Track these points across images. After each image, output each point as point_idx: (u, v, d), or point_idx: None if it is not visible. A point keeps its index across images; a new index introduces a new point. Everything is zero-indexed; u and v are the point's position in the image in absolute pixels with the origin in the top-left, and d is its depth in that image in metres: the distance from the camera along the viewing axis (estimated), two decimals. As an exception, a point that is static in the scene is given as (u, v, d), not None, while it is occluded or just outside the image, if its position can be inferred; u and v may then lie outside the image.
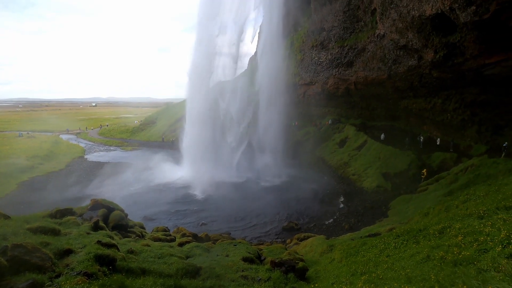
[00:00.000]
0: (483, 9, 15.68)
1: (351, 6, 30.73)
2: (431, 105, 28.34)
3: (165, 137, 58.48)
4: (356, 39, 31.66)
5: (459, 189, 18.37)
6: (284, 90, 40.24)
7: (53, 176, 32.72)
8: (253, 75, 43.59)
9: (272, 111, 37.40)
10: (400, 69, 27.04)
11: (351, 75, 34.29)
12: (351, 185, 28.42)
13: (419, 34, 21.84)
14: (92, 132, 74.04)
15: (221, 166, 33.44)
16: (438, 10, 18.51)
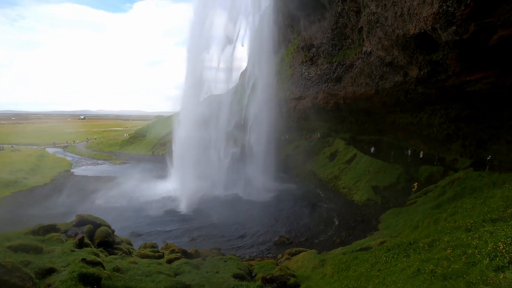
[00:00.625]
0: (463, 29, 16.47)
1: (339, 24, 31.83)
2: (417, 120, 29.13)
3: (155, 151, 57.83)
4: (344, 56, 32.62)
5: (447, 202, 18.69)
6: (275, 104, 40.75)
7: (37, 191, 31.66)
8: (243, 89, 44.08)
9: (262, 125, 37.65)
10: (386, 84, 27.86)
11: (340, 90, 35.09)
12: (342, 198, 28.52)
13: (404, 51, 22.69)
14: (79, 145, 72.60)
15: (212, 180, 33.15)
16: (421, 29, 19.34)
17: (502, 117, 21.85)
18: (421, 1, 17.85)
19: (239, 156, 38.36)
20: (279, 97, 44.22)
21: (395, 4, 20.71)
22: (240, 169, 36.67)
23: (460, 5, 15.30)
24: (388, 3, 21.39)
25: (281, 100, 44.72)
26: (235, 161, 37.04)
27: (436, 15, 16.86)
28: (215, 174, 34.28)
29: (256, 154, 36.90)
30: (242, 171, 36.49)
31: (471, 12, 15.18)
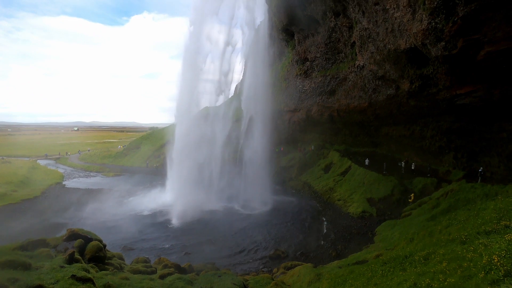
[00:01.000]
0: (451, 45, 17.03)
1: (332, 39, 32.61)
2: (410, 132, 29.55)
3: (149, 163, 57.30)
4: (338, 69, 33.27)
5: (441, 214, 18.75)
6: (270, 116, 41.01)
7: (27, 204, 30.91)
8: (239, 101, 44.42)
9: (257, 137, 37.74)
10: (379, 97, 28.38)
11: (334, 103, 35.58)
12: (337, 211, 28.42)
13: (396, 65, 23.27)
14: (72, 157, 71.58)
15: (206, 193, 32.79)
16: (411, 44, 19.95)
17: (491, 130, 22.31)
18: (410, 18, 18.46)
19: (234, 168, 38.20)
20: (274, 109, 44.60)
21: (386, 20, 21.36)
22: (235, 181, 36.45)
23: (448, 22, 15.86)
24: (379, 19, 22.05)
25: (276, 113, 45.08)
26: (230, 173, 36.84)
27: (426, 31, 17.42)
28: (210, 187, 33.98)
29: (251, 166, 36.79)
30: (237, 183, 36.27)
31: (459, 28, 15.73)
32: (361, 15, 24.30)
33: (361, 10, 24.08)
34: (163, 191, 34.92)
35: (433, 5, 15.80)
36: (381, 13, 21.47)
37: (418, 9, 17.45)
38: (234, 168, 38.26)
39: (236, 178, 37.04)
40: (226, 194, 33.90)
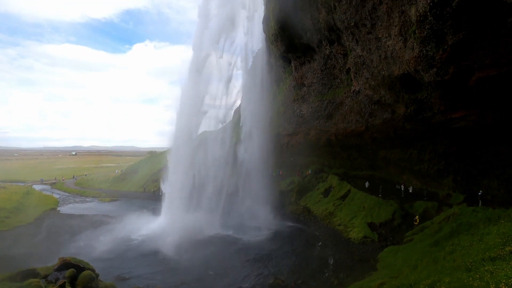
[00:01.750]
0: (443, 71, 17.59)
1: (328, 66, 33.65)
2: (407, 155, 29.65)
3: (147, 187, 56.62)
4: (334, 94, 34.02)
5: (444, 239, 18.36)
6: (268, 140, 41.29)
7: (19, 231, 30.02)
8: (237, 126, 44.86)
9: (256, 161, 37.74)
10: (376, 121, 28.78)
11: (331, 127, 35.97)
12: (338, 236, 27.76)
13: (390, 91, 23.85)
14: (68, 182, 70.75)
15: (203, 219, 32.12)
16: (404, 71, 20.58)
17: (487, 153, 22.46)
18: (402, 46, 19.21)
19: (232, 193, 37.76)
20: (272, 133, 44.97)
21: (379, 48, 22.21)
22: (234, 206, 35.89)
23: (439, 50, 16.49)
24: (372, 47, 22.93)
25: (274, 137, 45.40)
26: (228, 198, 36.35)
27: (417, 58, 18.07)
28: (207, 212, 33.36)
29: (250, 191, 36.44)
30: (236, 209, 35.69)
31: (449, 56, 16.34)
32: (355, 43, 25.28)
33: (354, 39, 25.09)
34: (159, 217, 34.19)
35: (423, 34, 16.51)
36: (374, 41, 22.36)
37: (409, 38, 18.21)
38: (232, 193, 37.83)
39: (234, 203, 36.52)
40: (224, 219, 33.22)
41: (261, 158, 38.45)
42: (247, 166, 38.75)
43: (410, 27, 17.68)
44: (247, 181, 37.82)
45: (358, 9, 21.90)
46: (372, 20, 21.15)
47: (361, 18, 22.19)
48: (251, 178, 37.75)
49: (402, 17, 18.17)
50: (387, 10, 19.22)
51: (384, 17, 19.83)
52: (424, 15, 15.37)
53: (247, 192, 37.14)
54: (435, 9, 14.43)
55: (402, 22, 18.26)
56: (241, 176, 38.95)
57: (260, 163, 38.03)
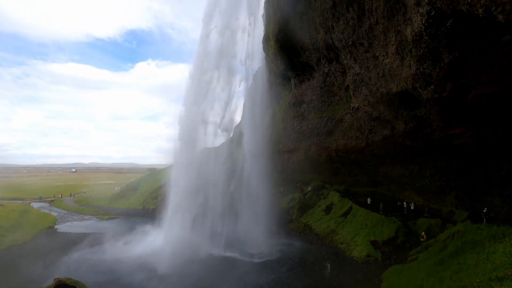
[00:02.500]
0: (440, 88, 17.84)
1: (327, 83, 34.20)
2: (408, 172, 29.52)
3: (146, 205, 55.97)
4: (334, 111, 34.33)
5: (450, 258, 17.94)
6: (269, 157, 41.23)
7: (15, 250, 29.40)
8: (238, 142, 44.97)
9: (257, 178, 37.51)
10: (376, 138, 28.85)
11: (331, 143, 36.04)
12: (340, 255, 27.11)
13: (389, 107, 24.08)
14: (67, 199, 70.05)
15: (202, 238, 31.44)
16: (402, 88, 20.86)
17: (489, 170, 22.37)
18: (400, 64, 19.59)
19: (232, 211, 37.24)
20: (273, 150, 45.02)
21: (376, 66, 22.64)
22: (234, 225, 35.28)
23: (435, 68, 16.80)
24: (370, 65, 23.38)
25: (274, 153, 45.41)
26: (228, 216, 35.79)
27: (415, 76, 18.37)
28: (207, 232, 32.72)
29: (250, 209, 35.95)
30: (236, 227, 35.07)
31: (446, 73, 16.63)
32: (353, 61, 25.82)
33: (352, 57, 25.64)
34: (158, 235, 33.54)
35: (419, 52, 16.89)
36: (372, 59, 22.83)
37: (406, 56, 18.60)
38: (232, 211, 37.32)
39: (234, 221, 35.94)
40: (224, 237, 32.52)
41: (262, 175, 38.22)
42: (247, 183, 38.46)
43: (407, 46, 18.11)
44: (248, 199, 37.39)
45: (355, 29, 22.52)
46: (369, 39, 21.70)
47: (358, 38, 22.78)
48: (251, 195, 37.35)
49: (398, 37, 18.64)
50: (384, 30, 19.76)
51: (381, 36, 20.35)
52: (419, 34, 15.78)
53: (248, 210, 36.62)
54: (430, 29, 14.83)
55: (399, 41, 18.72)
56: (242, 194, 38.57)
57: (260, 180, 37.76)
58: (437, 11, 13.61)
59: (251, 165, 39.07)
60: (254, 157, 39.48)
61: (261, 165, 39.11)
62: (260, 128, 41.49)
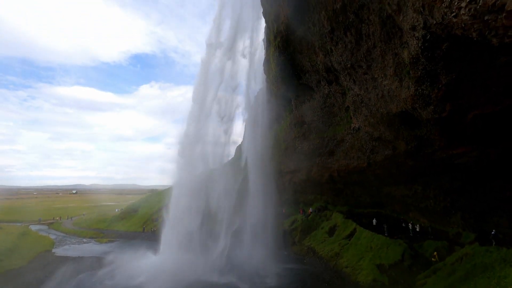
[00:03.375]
0: (440, 108, 18.02)
1: (327, 104, 34.62)
2: (412, 192, 29.13)
3: (146, 227, 55.03)
4: (335, 131, 34.48)
5: (459, 282, 17.30)
6: (270, 177, 40.99)
7: (11, 275, 28.64)
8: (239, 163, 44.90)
9: (258, 199, 37.08)
10: (377, 158, 28.75)
11: (333, 163, 35.89)
12: (346, 279, 26.15)
13: (390, 128, 24.20)
14: (66, 222, 69.10)
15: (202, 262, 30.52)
16: (402, 108, 21.07)
17: (492, 190, 22.06)
18: (398, 85, 19.92)
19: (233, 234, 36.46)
20: (274, 170, 44.79)
21: (375, 87, 23.01)
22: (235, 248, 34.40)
23: (434, 89, 17.08)
24: (369, 87, 23.77)
25: (276, 174, 45.15)
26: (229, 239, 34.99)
27: (414, 96, 18.63)
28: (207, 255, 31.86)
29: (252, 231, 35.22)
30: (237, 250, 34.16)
31: (444, 94, 16.87)
32: (353, 83, 26.28)
33: (352, 79, 26.13)
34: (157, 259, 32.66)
35: (417, 74, 17.23)
36: (371, 81, 23.25)
37: (404, 78, 18.95)
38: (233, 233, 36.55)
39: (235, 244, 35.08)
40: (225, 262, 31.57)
41: (263, 196, 37.81)
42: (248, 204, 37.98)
43: (404, 68, 18.50)
44: (249, 220, 36.74)
45: (354, 52, 23.13)
46: (367, 62, 22.22)
47: (357, 60, 23.34)
48: (253, 217, 36.74)
49: (396, 59, 19.10)
50: (381, 53, 20.28)
51: (379, 59, 20.85)
52: (416, 57, 16.17)
53: (249, 232, 35.86)
54: (426, 52, 15.22)
55: (396, 63, 19.15)
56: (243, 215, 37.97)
57: (262, 201, 37.31)
58: (432, 35, 14.03)
59: (252, 186, 38.76)
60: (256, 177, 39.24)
61: (263, 186, 38.79)
62: (262, 149, 41.57)
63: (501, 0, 9.68)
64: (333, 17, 23.03)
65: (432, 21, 13.10)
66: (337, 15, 22.47)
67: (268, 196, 38.44)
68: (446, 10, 11.72)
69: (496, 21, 10.30)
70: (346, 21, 22.03)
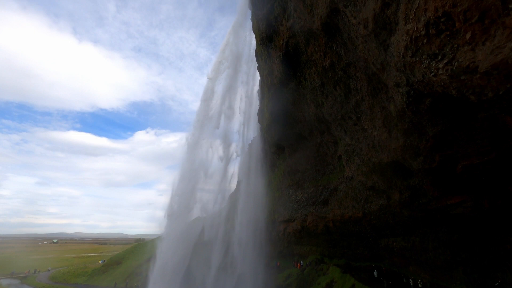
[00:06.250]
0: (430, 159, 18.42)
1: (320, 153, 35.19)
2: (410, 244, 28.15)
3: (129, 281, 50.72)
4: (328, 180, 34.45)
5: None
6: (264, 227, 39.59)
7: None
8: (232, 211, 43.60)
9: (251, 250, 35.27)
10: (372, 208, 28.33)
11: (328, 213, 35.10)
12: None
13: (383, 177, 24.34)
14: (42, 275, 63.52)
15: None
16: (393, 158, 21.48)
17: (493, 242, 21.51)
18: (388, 136, 20.59)
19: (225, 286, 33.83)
20: (268, 219, 43.44)
21: (366, 137, 23.72)
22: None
23: (422, 140, 17.67)
24: (360, 137, 24.50)
25: (269, 223, 43.68)
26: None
27: (403, 147, 19.16)
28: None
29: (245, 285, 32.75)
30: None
31: (433, 145, 17.40)
32: (344, 133, 27.13)
33: (343, 129, 27.03)
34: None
35: (405, 126, 17.97)
36: (361, 131, 24.05)
37: (393, 129, 19.69)
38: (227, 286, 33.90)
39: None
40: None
41: (257, 247, 36.03)
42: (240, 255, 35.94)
43: (392, 120, 19.32)
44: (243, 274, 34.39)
45: (343, 105, 24.33)
46: (357, 113, 23.26)
47: (347, 112, 24.44)
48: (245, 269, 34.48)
49: (383, 112, 20.05)
50: (369, 106, 21.36)
51: (368, 111, 21.88)
52: (402, 110, 17.04)
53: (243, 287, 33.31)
54: (411, 106, 16.10)
55: (384, 115, 20.06)
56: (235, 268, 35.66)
57: (255, 253, 35.43)
58: (416, 91, 15.01)
59: (245, 236, 37.18)
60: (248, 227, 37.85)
61: (256, 236, 37.25)
62: (255, 197, 40.88)
63: (474, 63, 10.63)
64: (323, 73, 24.73)
65: (414, 79, 14.13)
66: (327, 71, 24.17)
67: (262, 247, 36.65)
68: (426, 70, 12.74)
69: (471, 80, 11.18)
70: (335, 77, 23.62)
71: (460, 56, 10.97)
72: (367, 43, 16.96)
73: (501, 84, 10.67)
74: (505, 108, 12.41)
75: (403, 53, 13.44)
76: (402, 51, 13.44)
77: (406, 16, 12.61)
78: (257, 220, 38.72)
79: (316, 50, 25.06)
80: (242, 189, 42.52)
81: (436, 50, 11.76)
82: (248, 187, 41.44)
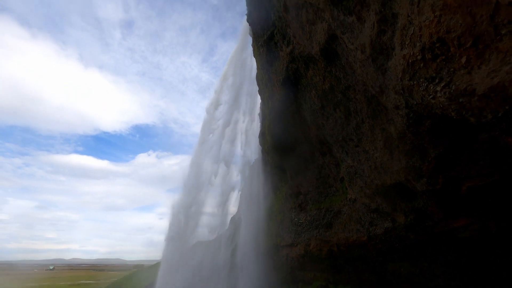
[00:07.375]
0: (433, 180, 18.25)
1: (322, 175, 34.98)
2: (418, 269, 27.16)
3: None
4: (331, 202, 33.95)
5: None
6: (266, 252, 38.53)
7: None
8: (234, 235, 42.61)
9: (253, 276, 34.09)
10: (377, 231, 27.67)
11: (332, 237, 34.24)
12: None
13: (386, 199, 24.00)
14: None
15: None
16: (396, 180, 21.31)
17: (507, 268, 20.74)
18: (389, 158, 20.57)
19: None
20: (270, 244, 42.33)
21: (368, 159, 23.68)
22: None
23: (424, 162, 17.62)
24: (362, 159, 24.47)
25: (271, 248, 42.52)
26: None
27: (406, 169, 19.08)
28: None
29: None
30: None
31: (435, 167, 17.32)
32: (345, 155, 27.12)
33: (344, 151, 27.05)
34: None
35: (406, 148, 18.00)
36: (363, 153, 24.06)
37: (394, 151, 19.71)
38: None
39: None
40: None
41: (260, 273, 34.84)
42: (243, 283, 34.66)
43: (393, 142, 19.40)
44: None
45: (344, 127, 24.56)
46: (357, 135, 23.41)
47: (347, 134, 24.61)
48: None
49: (384, 133, 20.19)
50: (370, 128, 21.55)
51: (368, 133, 22.03)
52: (403, 132, 17.17)
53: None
54: (412, 127, 16.24)
55: (385, 137, 20.17)
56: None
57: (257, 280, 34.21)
58: (415, 114, 15.19)
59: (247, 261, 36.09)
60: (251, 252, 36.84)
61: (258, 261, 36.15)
62: (257, 220, 40.16)
63: (472, 86, 10.85)
64: (323, 95, 25.20)
65: (413, 101, 14.36)
66: (326, 94, 24.64)
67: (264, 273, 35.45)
68: (424, 92, 12.99)
69: (470, 102, 11.35)
70: (335, 99, 24.04)
71: (457, 79, 11.22)
72: (365, 67, 17.42)
73: (499, 106, 10.82)
74: (505, 130, 12.48)
75: (401, 77, 13.77)
76: (400, 74, 13.77)
77: (402, 42, 13.06)
78: (259, 244, 37.76)
79: (316, 74, 25.71)
80: (243, 213, 41.86)
81: (433, 74, 12.05)
82: (250, 211, 40.83)
